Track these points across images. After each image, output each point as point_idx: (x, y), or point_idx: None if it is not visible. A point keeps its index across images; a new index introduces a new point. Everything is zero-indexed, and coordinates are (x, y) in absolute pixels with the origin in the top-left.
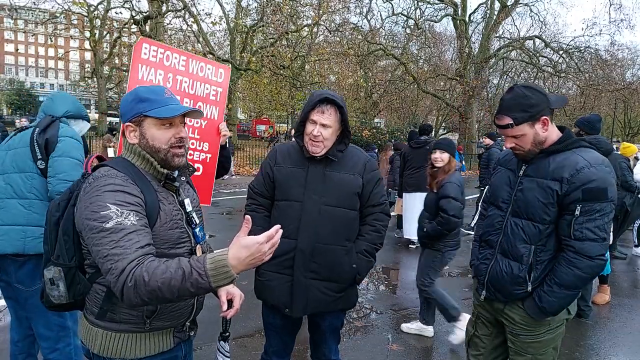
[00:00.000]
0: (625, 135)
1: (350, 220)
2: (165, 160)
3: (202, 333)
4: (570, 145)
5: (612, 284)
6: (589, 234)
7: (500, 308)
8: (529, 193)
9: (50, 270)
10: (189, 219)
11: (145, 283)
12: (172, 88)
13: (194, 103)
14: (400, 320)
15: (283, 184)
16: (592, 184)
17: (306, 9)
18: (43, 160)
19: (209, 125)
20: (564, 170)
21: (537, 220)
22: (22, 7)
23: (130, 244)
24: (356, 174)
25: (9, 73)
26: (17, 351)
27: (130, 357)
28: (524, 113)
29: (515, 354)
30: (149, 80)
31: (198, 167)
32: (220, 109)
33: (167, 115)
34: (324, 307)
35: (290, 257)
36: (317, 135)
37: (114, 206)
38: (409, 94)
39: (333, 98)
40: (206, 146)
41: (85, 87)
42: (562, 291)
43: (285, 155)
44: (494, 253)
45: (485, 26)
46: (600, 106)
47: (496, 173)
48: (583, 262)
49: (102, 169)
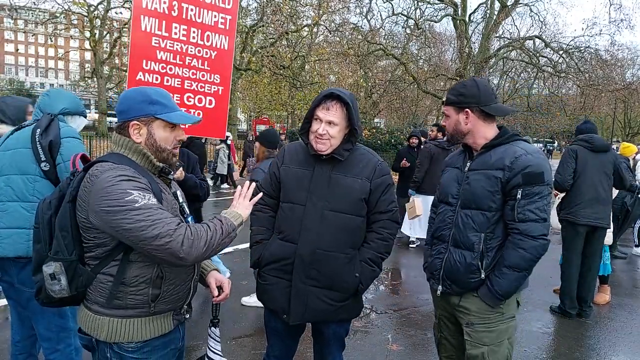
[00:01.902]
0: (625, 135)
1: (355, 227)
2: (167, 159)
3: (204, 331)
4: (507, 139)
5: (612, 284)
6: (530, 215)
7: (456, 302)
8: (476, 184)
9: (50, 266)
10: (181, 209)
11: (201, 236)
12: (178, 17)
13: (202, 33)
14: (400, 320)
15: (287, 186)
16: (529, 169)
17: (306, 9)
18: (47, 163)
19: (219, 56)
20: (505, 159)
21: (485, 208)
22: (22, 7)
23: (165, 215)
24: (364, 179)
25: (9, 73)
26: (18, 351)
27: (136, 340)
28: (453, 97)
29: (472, 348)
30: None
31: (210, 100)
32: (230, 38)
33: (178, 122)
34: (325, 317)
35: (290, 262)
36: (323, 134)
37: (135, 191)
38: (409, 94)
39: (339, 93)
40: (217, 78)
41: (85, 87)
42: (511, 272)
43: (292, 155)
44: (447, 246)
45: (485, 26)
46: (600, 106)
47: (444, 173)
48: (527, 242)
49: (104, 164)
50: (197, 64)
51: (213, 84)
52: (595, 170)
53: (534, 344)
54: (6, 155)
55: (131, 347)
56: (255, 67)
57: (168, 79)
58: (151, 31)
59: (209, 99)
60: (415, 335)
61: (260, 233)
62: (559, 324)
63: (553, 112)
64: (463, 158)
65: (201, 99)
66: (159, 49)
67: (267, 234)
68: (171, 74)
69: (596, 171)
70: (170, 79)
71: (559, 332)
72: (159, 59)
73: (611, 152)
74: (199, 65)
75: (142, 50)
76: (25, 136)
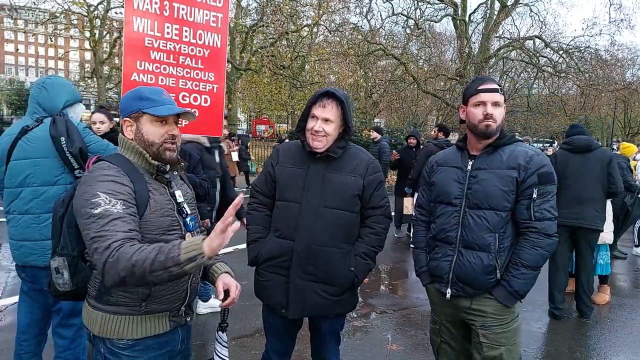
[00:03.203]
0: (625, 135)
1: (349, 223)
2: (158, 153)
3: (210, 331)
4: (510, 139)
5: (612, 284)
6: (546, 214)
7: (467, 305)
8: (487, 183)
9: (56, 260)
10: (180, 209)
11: (125, 259)
12: (170, 17)
13: (194, 31)
14: (400, 320)
15: (282, 185)
16: (543, 169)
17: (306, 9)
18: (82, 169)
19: (213, 54)
20: (518, 158)
21: (500, 208)
22: (22, 7)
23: (115, 229)
24: (357, 176)
25: (9, 73)
26: (23, 350)
27: (127, 338)
28: (500, 90)
29: (489, 349)
30: (145, 9)
31: (206, 98)
32: (222, 36)
33: (162, 114)
34: (323, 311)
35: (287, 258)
36: (319, 131)
37: (104, 194)
38: (409, 94)
39: (334, 92)
40: (212, 76)
41: (85, 87)
42: (529, 272)
43: (287, 155)
44: (455, 248)
45: (485, 26)
46: (600, 106)
47: (437, 173)
48: (544, 240)
49: (98, 163)
50: (191, 63)
51: (208, 82)
52: (576, 171)
53: (534, 344)
54: (25, 165)
55: (122, 343)
56: (255, 67)
57: (163, 78)
58: (144, 32)
59: (204, 97)
60: (415, 335)
61: (257, 232)
62: (559, 324)
63: (553, 112)
64: (461, 157)
65: (196, 98)
66: (153, 49)
67: (263, 232)
68: (165, 73)
69: (577, 171)
70: (164, 78)
71: (559, 332)
72: (152, 59)
73: (597, 152)
74: (192, 64)
75: (136, 51)
76: (43, 145)
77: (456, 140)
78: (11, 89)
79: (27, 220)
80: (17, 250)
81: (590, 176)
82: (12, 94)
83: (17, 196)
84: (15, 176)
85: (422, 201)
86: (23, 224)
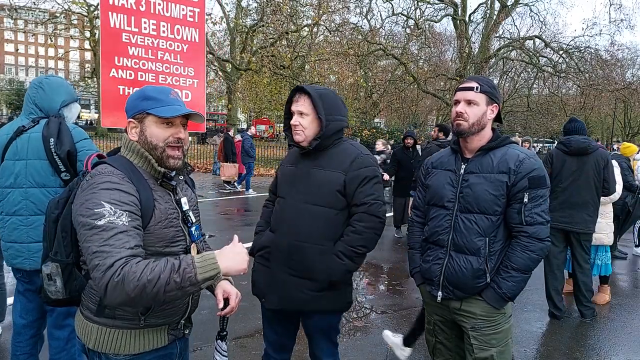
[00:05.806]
0: (625, 135)
1: (331, 219)
2: (161, 159)
3: (202, 333)
4: (502, 142)
5: (612, 284)
6: (537, 218)
7: (457, 307)
8: (477, 188)
9: (48, 266)
10: (185, 218)
11: (135, 278)
12: (146, 12)
13: (172, 26)
14: (400, 320)
15: (278, 182)
16: (534, 173)
17: (306, 9)
18: (68, 172)
19: (191, 49)
20: (509, 162)
21: (490, 212)
22: (22, 7)
23: (119, 244)
24: (339, 172)
25: (9, 73)
26: (19, 351)
27: (124, 353)
28: (488, 88)
29: (480, 351)
30: (120, 4)
31: (187, 93)
32: (200, 31)
33: (167, 114)
34: (302, 305)
35: (269, 250)
36: (296, 125)
37: (108, 205)
38: (409, 94)
39: (303, 87)
40: (191, 71)
41: (85, 87)
42: (519, 275)
43: (289, 155)
44: (446, 251)
45: (485, 26)
46: (600, 106)
47: (432, 175)
48: (536, 244)
49: (100, 166)
50: (170, 58)
51: (188, 77)
52: (571, 174)
53: (534, 344)
54: (18, 166)
55: (119, 359)
56: (255, 67)
57: (142, 74)
58: (120, 27)
59: (185, 93)
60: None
61: (260, 225)
62: (559, 324)
63: (553, 112)
64: (455, 160)
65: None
66: (130, 45)
67: (265, 226)
68: (144, 69)
69: (571, 175)
70: (144, 74)
71: (559, 332)
72: (130, 54)
73: (593, 155)
74: (172, 59)
75: (113, 47)
76: (37, 147)
77: (451, 142)
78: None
79: (15, 222)
80: (5, 252)
81: (584, 180)
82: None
83: (5, 197)
84: (7, 177)
85: (418, 202)
86: (11, 226)
